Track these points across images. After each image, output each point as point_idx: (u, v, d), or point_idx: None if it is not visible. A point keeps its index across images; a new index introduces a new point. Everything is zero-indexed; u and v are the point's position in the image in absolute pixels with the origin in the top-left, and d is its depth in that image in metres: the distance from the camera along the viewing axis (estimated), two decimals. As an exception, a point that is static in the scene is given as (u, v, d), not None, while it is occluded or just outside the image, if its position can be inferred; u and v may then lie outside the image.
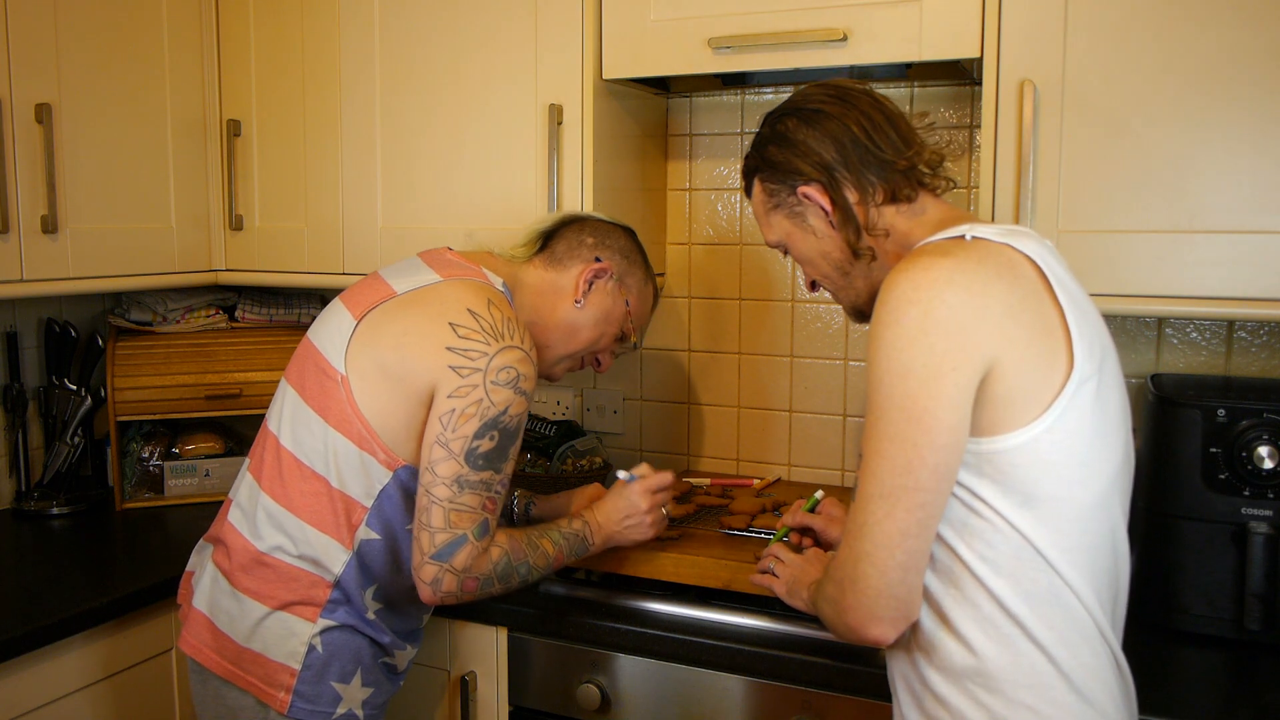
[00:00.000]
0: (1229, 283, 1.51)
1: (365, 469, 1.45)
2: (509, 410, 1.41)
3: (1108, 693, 1.14)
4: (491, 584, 1.44)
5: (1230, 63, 1.49)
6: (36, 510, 2.17)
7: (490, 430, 1.40)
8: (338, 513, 1.45)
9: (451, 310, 1.43)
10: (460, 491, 1.39)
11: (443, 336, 1.41)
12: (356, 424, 1.44)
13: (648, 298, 1.69)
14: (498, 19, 1.94)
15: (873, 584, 1.08)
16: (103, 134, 2.00)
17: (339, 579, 1.47)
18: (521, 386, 1.42)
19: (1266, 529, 1.49)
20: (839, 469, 2.17)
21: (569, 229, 1.64)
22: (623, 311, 1.64)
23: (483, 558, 1.41)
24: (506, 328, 1.43)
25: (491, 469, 1.41)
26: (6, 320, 2.23)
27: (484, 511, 1.41)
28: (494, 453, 1.41)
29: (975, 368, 1.06)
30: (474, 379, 1.39)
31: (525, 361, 1.43)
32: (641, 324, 1.69)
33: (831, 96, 1.26)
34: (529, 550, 1.48)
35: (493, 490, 1.42)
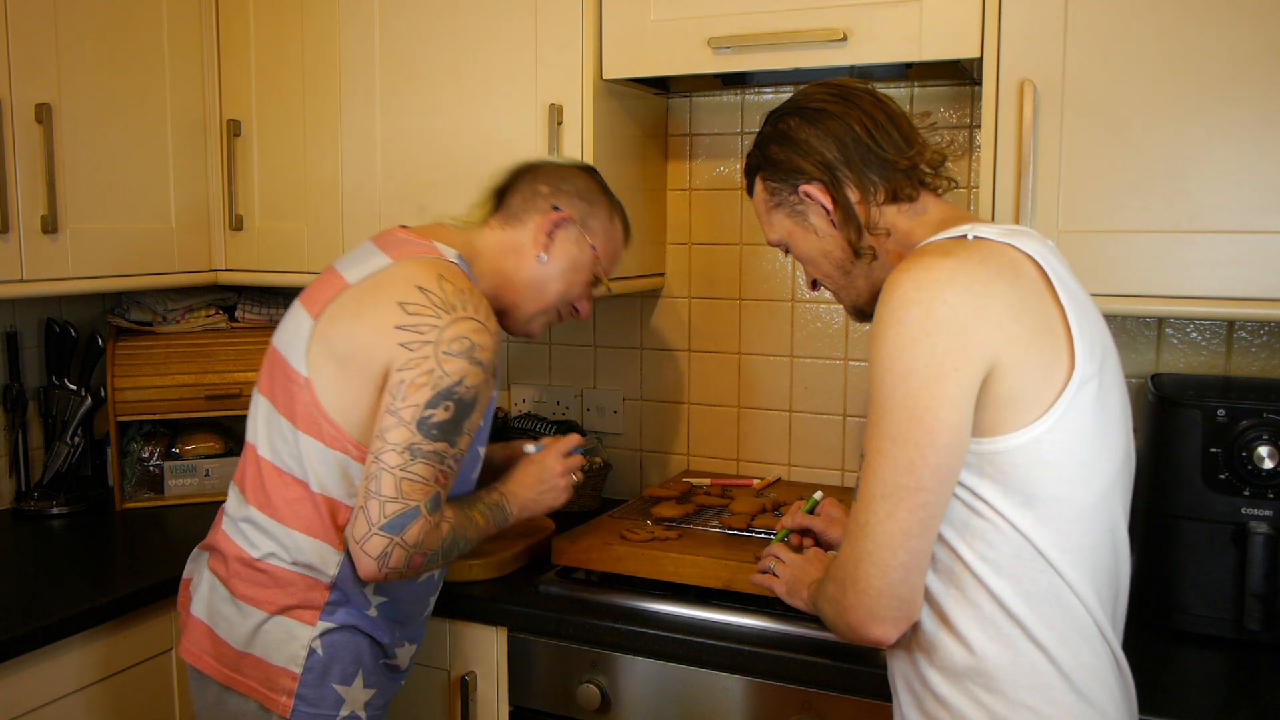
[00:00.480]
0: (1229, 283, 1.51)
1: (342, 468, 1.42)
2: (464, 381, 1.36)
3: (1108, 693, 1.14)
4: (436, 559, 1.40)
5: (1230, 63, 1.49)
6: (36, 510, 2.17)
7: (444, 400, 1.35)
8: (323, 516, 1.43)
9: (401, 290, 1.39)
10: (412, 460, 1.34)
11: (393, 317, 1.37)
12: (325, 425, 1.41)
13: (615, 236, 1.63)
14: (498, 19, 1.94)
15: (874, 584, 1.08)
16: (103, 134, 2.00)
17: (335, 580, 1.45)
18: (477, 357, 1.37)
19: (1266, 529, 1.49)
20: (839, 469, 2.17)
21: (522, 181, 1.58)
22: (590, 257, 1.58)
23: (434, 533, 1.37)
24: (459, 299, 1.39)
25: (445, 440, 1.36)
26: (6, 320, 2.23)
27: (436, 485, 1.36)
28: (448, 424, 1.36)
29: (977, 368, 1.06)
30: (424, 350, 1.35)
31: (480, 332, 1.39)
32: (613, 263, 1.64)
33: (834, 95, 1.26)
34: (466, 523, 1.44)
35: (446, 463, 1.37)
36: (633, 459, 2.34)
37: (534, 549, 1.89)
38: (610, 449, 2.35)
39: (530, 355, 2.41)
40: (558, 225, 1.55)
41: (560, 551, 1.78)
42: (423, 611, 1.61)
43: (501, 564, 1.82)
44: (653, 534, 1.78)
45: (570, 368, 2.38)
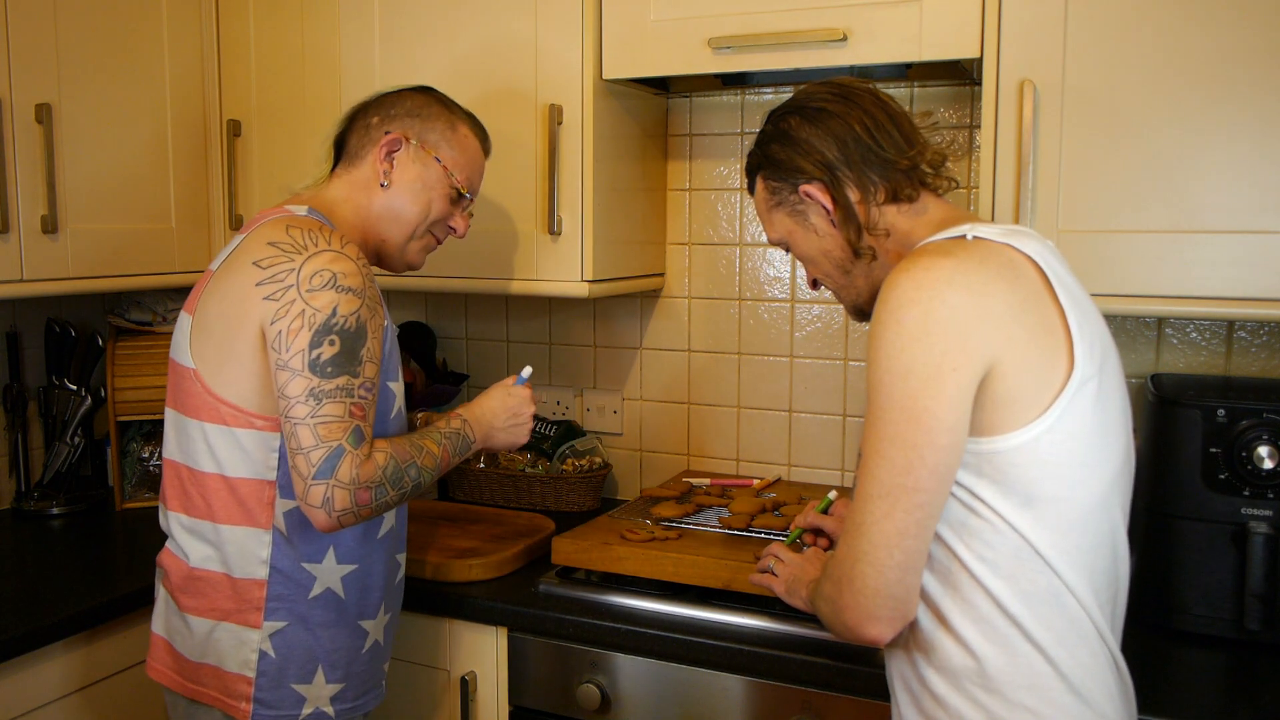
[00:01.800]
0: (1229, 283, 1.51)
1: (251, 445, 1.40)
2: (338, 310, 1.34)
3: (1106, 693, 1.14)
4: (385, 491, 1.35)
5: (1230, 63, 1.49)
6: (36, 510, 2.17)
7: (326, 336, 1.33)
8: (242, 500, 1.42)
9: (254, 252, 1.39)
10: (319, 404, 1.31)
11: (251, 278, 1.36)
12: (221, 407, 1.40)
13: (464, 143, 1.59)
14: (498, 19, 1.94)
15: (870, 583, 1.08)
16: (103, 134, 2.00)
17: (272, 566, 1.43)
18: (342, 284, 1.35)
19: (1266, 529, 1.49)
20: (839, 469, 2.17)
21: (355, 121, 1.58)
22: (439, 171, 1.55)
23: (367, 464, 1.33)
24: (308, 238, 1.38)
25: (345, 373, 1.33)
26: (7, 320, 2.23)
27: (352, 419, 1.33)
28: (340, 357, 1.33)
29: (976, 368, 1.06)
30: (289, 296, 1.34)
31: (338, 259, 1.36)
32: (471, 172, 1.60)
33: (835, 95, 1.26)
34: (414, 451, 1.40)
35: (355, 396, 1.34)
36: (633, 459, 2.34)
37: (534, 549, 1.89)
38: (610, 449, 2.35)
39: (530, 355, 2.41)
40: (392, 148, 1.53)
41: (560, 551, 1.78)
42: (394, 574, 1.57)
43: (501, 564, 1.82)
44: (653, 534, 1.78)
45: (570, 368, 2.38)
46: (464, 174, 1.58)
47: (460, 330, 2.48)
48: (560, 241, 1.93)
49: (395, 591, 1.58)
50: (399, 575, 1.59)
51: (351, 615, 1.49)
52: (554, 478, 2.17)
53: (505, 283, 1.99)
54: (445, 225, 1.60)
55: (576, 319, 2.37)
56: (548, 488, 2.17)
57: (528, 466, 2.22)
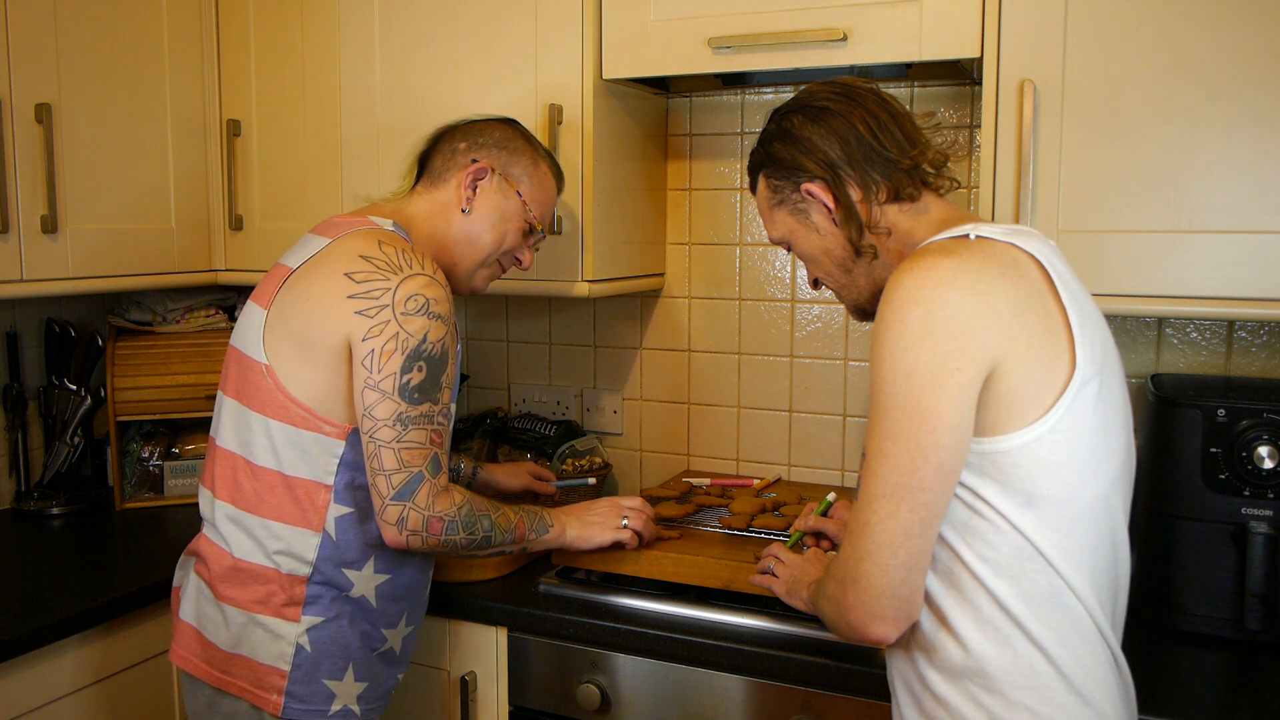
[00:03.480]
0: (1229, 283, 1.51)
1: (315, 448, 1.43)
2: (428, 337, 1.38)
3: (1107, 693, 1.14)
4: (456, 530, 1.41)
5: (1230, 63, 1.49)
6: (36, 510, 2.17)
7: (416, 362, 1.37)
8: (299, 500, 1.44)
9: (345, 263, 1.41)
10: (405, 429, 1.37)
11: (342, 289, 1.39)
12: (291, 407, 1.42)
13: (543, 181, 1.63)
14: (498, 19, 1.94)
15: (875, 583, 1.08)
16: (103, 134, 2.00)
17: (316, 566, 1.45)
18: (434, 310, 1.40)
19: (1266, 529, 1.49)
20: (839, 469, 2.17)
21: (441, 142, 1.61)
22: (518, 204, 1.59)
23: (444, 496, 1.40)
24: (403, 259, 1.41)
25: (429, 400, 1.39)
26: (6, 320, 2.23)
27: (432, 446, 1.39)
28: (427, 384, 1.39)
29: (979, 367, 1.06)
30: (383, 316, 1.37)
31: (431, 285, 1.40)
32: (546, 209, 1.65)
33: (838, 94, 1.26)
34: (490, 507, 1.46)
35: (435, 422, 1.40)
36: (633, 459, 2.34)
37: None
38: (610, 449, 2.35)
39: (530, 355, 2.41)
40: (478, 177, 1.57)
41: (560, 551, 1.77)
42: (422, 589, 1.60)
43: (501, 564, 1.82)
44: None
45: (570, 368, 2.38)
46: (540, 209, 1.63)
47: (461, 330, 2.48)
48: (560, 241, 1.93)
49: (419, 606, 1.61)
50: (425, 591, 1.62)
51: (377, 621, 1.52)
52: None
53: (505, 283, 1.99)
54: (513, 256, 1.64)
55: (576, 319, 2.37)
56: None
57: (528, 466, 2.22)
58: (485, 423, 2.34)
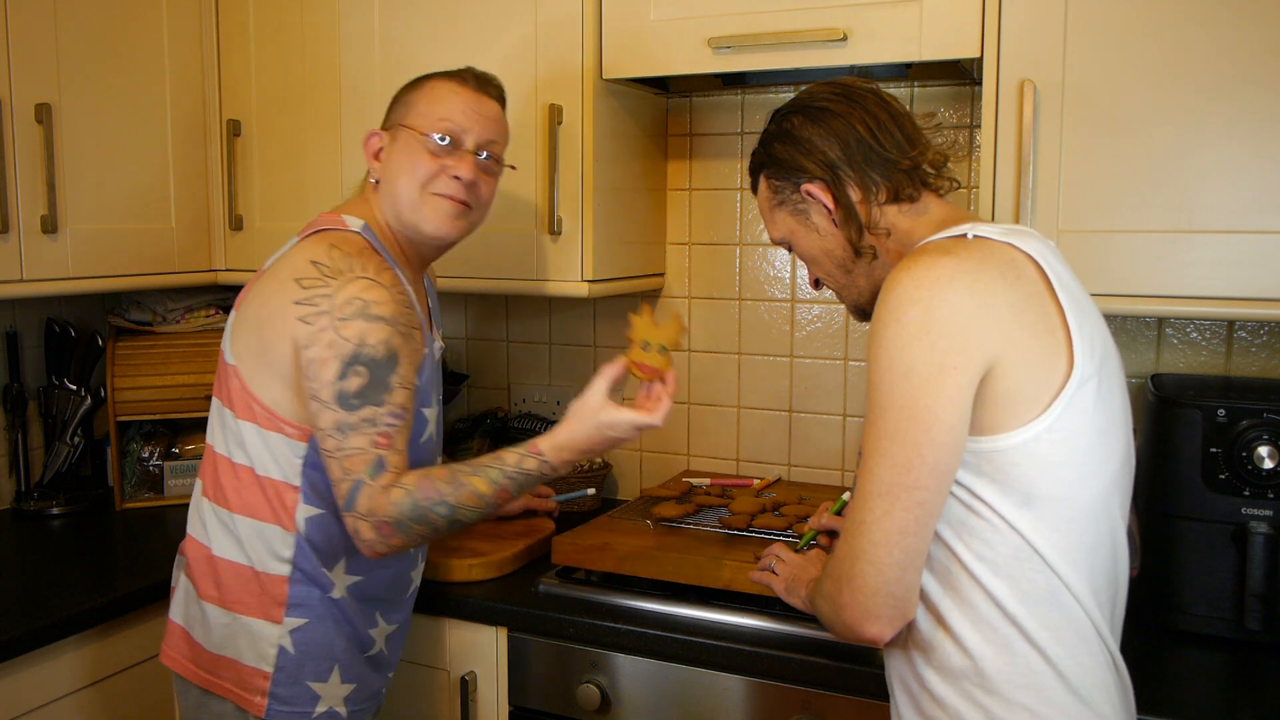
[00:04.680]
0: (1229, 283, 1.51)
1: (280, 449, 1.43)
2: (366, 340, 1.34)
3: (1105, 693, 1.14)
4: (407, 527, 1.33)
5: (1230, 63, 1.49)
6: (36, 510, 2.17)
7: (353, 367, 1.33)
8: (271, 499, 1.44)
9: (297, 267, 1.40)
10: (345, 437, 1.33)
11: (290, 295, 1.38)
12: (257, 408, 1.43)
13: (428, 93, 1.52)
14: (498, 19, 1.94)
15: (870, 582, 1.08)
16: (103, 134, 2.00)
17: (295, 564, 1.45)
18: (373, 313, 1.35)
19: (1266, 529, 1.49)
20: (839, 469, 2.17)
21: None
22: (409, 134, 1.49)
23: (380, 497, 1.32)
24: (346, 262, 1.38)
25: (370, 404, 1.33)
26: (6, 320, 2.23)
27: (375, 449, 1.33)
28: (368, 388, 1.33)
29: (976, 367, 1.06)
30: (321, 323, 1.35)
31: (371, 288, 1.36)
32: (435, 116, 1.49)
33: (838, 95, 1.27)
34: (449, 490, 1.34)
35: (380, 425, 1.34)
36: (633, 459, 2.34)
37: (534, 549, 1.89)
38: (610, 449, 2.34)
39: (530, 355, 2.41)
40: (375, 148, 1.53)
41: (560, 551, 1.78)
42: (403, 590, 1.58)
43: (501, 564, 1.82)
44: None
45: (570, 368, 2.38)
46: (426, 119, 1.49)
47: (460, 330, 2.48)
48: (560, 241, 1.93)
49: (403, 605, 1.60)
50: (409, 590, 1.61)
51: (358, 622, 1.51)
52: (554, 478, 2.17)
53: (505, 283, 1.99)
54: (447, 178, 1.49)
55: (576, 319, 2.36)
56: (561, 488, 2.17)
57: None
58: (485, 423, 2.34)
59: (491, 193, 1.57)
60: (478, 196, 1.53)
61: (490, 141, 1.53)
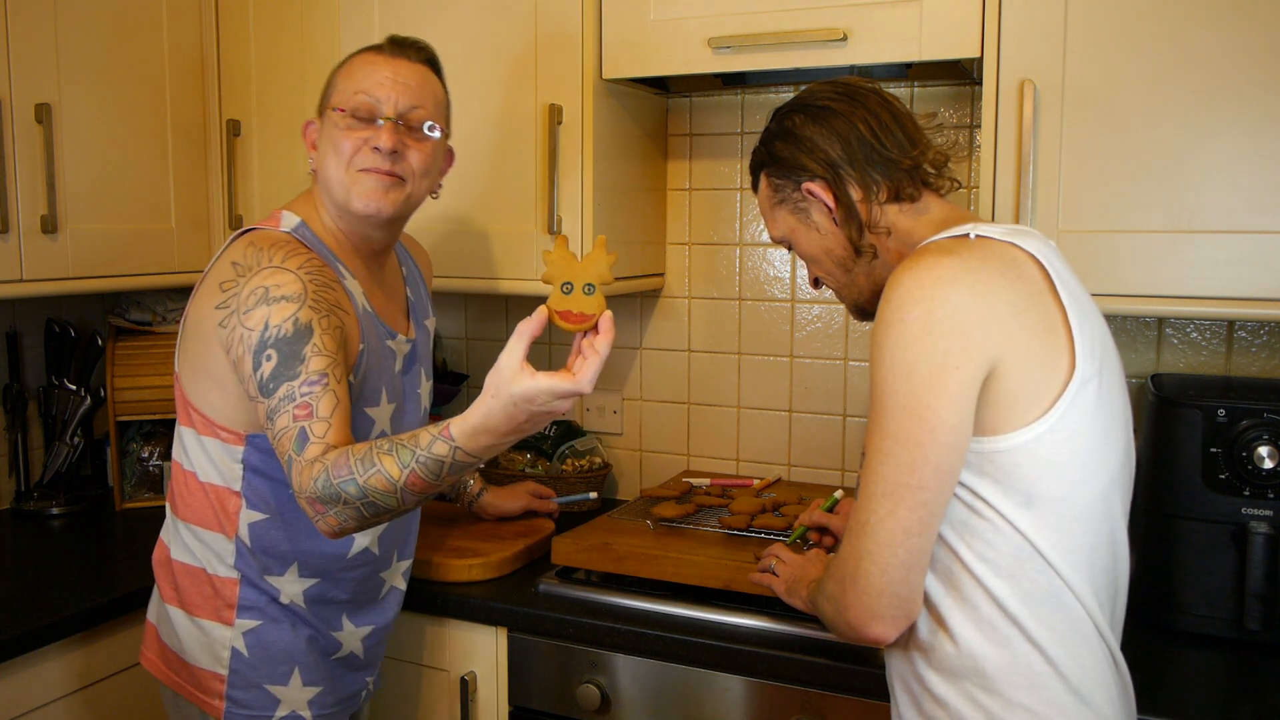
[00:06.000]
0: (1229, 283, 1.51)
1: (219, 454, 1.42)
2: (269, 323, 1.29)
3: (1105, 693, 1.14)
4: (333, 502, 1.19)
5: (1230, 63, 1.49)
6: (36, 510, 2.17)
7: (263, 354, 1.28)
8: (214, 505, 1.43)
9: (220, 272, 1.38)
10: (274, 422, 1.26)
11: (213, 300, 1.37)
12: (193, 413, 1.43)
13: (348, 68, 1.47)
14: (498, 19, 1.94)
15: (874, 582, 1.08)
16: (103, 134, 2.00)
17: (238, 568, 1.44)
18: (275, 295, 1.30)
19: (1266, 529, 1.49)
20: (839, 469, 2.17)
21: None
22: (333, 116, 1.45)
23: (306, 473, 1.21)
24: (257, 259, 1.35)
25: (285, 380, 1.26)
26: (6, 320, 2.23)
27: (297, 423, 1.24)
28: (280, 367, 1.27)
29: (979, 367, 1.06)
30: (232, 323, 1.33)
31: (275, 274, 1.32)
32: (354, 84, 1.44)
33: (839, 94, 1.27)
34: (360, 467, 1.18)
35: (297, 399, 1.25)
36: (633, 459, 2.34)
37: (534, 549, 1.89)
38: (610, 449, 2.35)
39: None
40: (312, 134, 1.50)
41: (560, 551, 1.78)
42: (374, 592, 1.55)
43: (501, 564, 1.82)
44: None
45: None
46: (348, 95, 1.44)
47: (460, 330, 2.48)
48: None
49: (380, 607, 1.57)
50: (383, 590, 1.58)
51: (319, 624, 1.49)
52: (554, 478, 2.17)
53: (505, 283, 1.99)
54: (369, 151, 1.42)
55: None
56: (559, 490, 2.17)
57: (527, 466, 2.22)
58: (485, 423, 2.34)
59: (427, 161, 1.48)
60: (408, 167, 1.45)
61: (412, 107, 1.45)
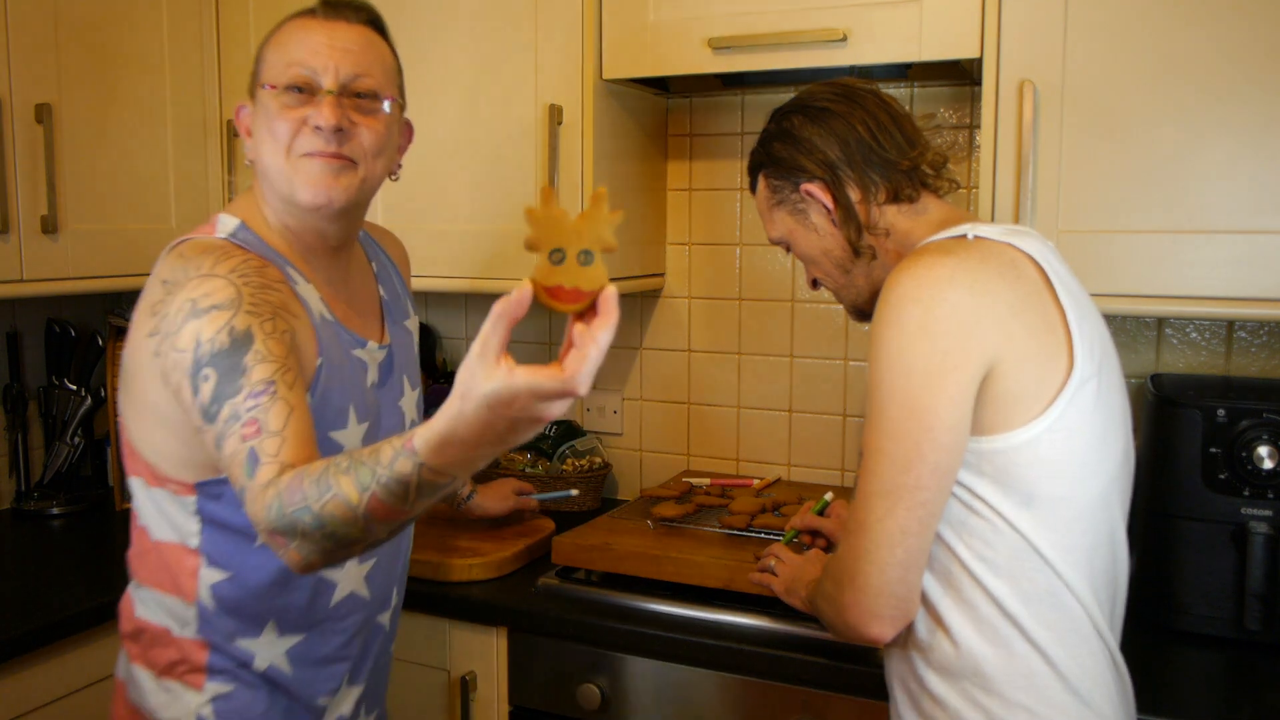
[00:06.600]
0: (1229, 283, 1.51)
1: (170, 507, 1.23)
2: (201, 339, 1.09)
3: (1105, 693, 1.14)
4: (290, 535, 0.97)
5: (1230, 63, 1.49)
6: (36, 510, 2.17)
7: (199, 374, 1.09)
8: (169, 567, 1.25)
9: (151, 293, 1.20)
10: (220, 450, 1.06)
11: (146, 326, 1.18)
12: (139, 462, 1.23)
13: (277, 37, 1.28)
14: (498, 19, 1.94)
15: (872, 582, 1.08)
16: (103, 134, 2.00)
17: (204, 636, 1.25)
18: (202, 306, 1.11)
19: (1266, 529, 1.49)
20: (839, 469, 2.17)
21: None
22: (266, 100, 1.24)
23: (259, 500, 1.00)
24: (185, 271, 1.16)
25: (227, 399, 1.06)
26: (7, 320, 2.23)
27: (245, 443, 1.04)
28: (221, 384, 1.07)
29: (977, 367, 1.06)
30: (164, 347, 1.14)
31: (202, 283, 1.13)
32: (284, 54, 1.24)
33: (838, 95, 1.27)
34: (314, 490, 0.95)
35: (242, 416, 1.05)
36: (633, 459, 2.34)
37: (534, 549, 1.89)
38: (610, 449, 2.35)
39: (530, 355, 2.41)
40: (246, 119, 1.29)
41: (560, 551, 1.78)
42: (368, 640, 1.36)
43: (501, 564, 1.82)
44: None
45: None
46: (280, 69, 1.24)
47: (460, 330, 2.48)
48: (560, 241, 1.93)
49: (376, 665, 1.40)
50: (377, 641, 1.39)
51: (304, 693, 1.30)
52: (554, 477, 2.17)
53: (505, 283, 1.99)
54: (309, 131, 1.22)
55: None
56: (547, 488, 2.17)
57: (528, 466, 2.22)
58: (485, 423, 2.34)
59: (380, 138, 1.27)
60: (358, 146, 1.24)
61: (356, 76, 1.25)
